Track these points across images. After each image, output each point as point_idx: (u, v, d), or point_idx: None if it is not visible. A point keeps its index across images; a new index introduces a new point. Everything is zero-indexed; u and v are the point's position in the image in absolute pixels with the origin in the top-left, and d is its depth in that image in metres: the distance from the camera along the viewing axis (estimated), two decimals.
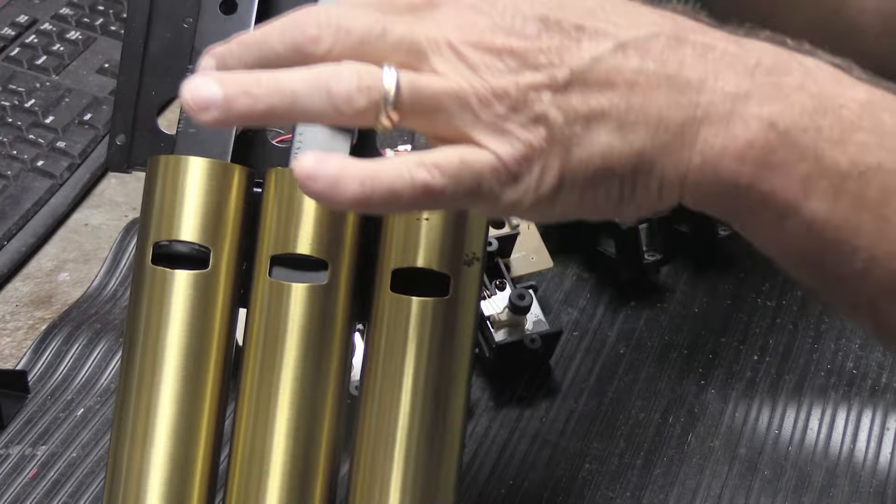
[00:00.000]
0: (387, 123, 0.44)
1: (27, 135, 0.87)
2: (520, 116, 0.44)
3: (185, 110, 0.44)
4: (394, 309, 0.54)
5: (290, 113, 0.44)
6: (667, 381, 0.74)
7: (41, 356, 0.74)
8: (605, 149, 0.45)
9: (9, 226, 0.82)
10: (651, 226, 0.76)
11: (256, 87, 0.44)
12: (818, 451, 0.70)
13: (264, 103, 0.44)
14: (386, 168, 0.43)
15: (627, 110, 0.45)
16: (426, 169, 0.44)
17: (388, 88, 0.44)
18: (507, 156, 0.44)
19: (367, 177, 0.43)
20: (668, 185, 0.46)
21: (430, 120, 0.45)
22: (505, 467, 0.69)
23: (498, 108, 0.44)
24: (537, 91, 0.44)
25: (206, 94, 0.43)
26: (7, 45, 0.94)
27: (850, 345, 0.76)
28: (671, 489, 0.68)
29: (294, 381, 0.54)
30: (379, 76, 0.44)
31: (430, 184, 0.44)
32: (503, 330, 0.71)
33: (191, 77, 0.44)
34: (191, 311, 0.54)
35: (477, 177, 0.44)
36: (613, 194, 0.46)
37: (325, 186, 0.43)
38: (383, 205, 0.44)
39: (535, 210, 0.46)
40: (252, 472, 0.54)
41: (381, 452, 0.54)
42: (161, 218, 0.54)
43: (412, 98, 0.44)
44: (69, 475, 0.68)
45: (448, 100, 0.44)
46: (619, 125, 0.45)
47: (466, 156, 0.44)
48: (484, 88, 0.44)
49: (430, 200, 0.44)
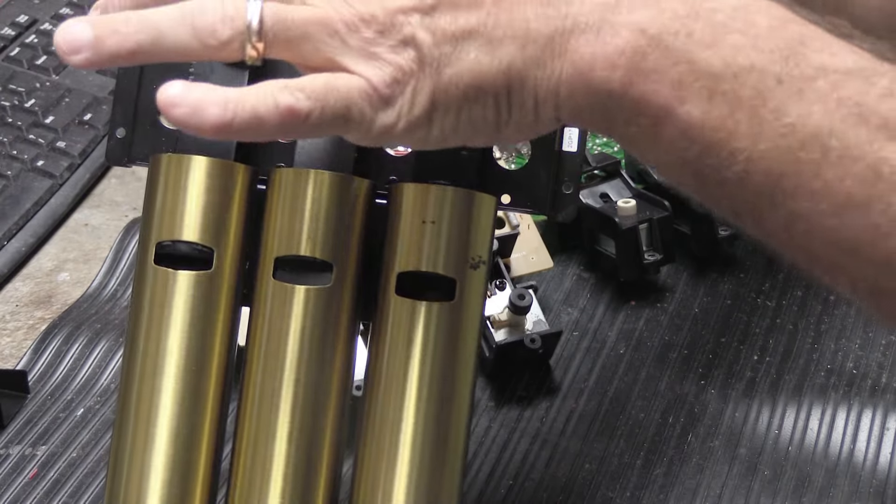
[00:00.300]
0: (252, 54, 0.45)
1: (27, 135, 0.87)
2: (388, 39, 0.45)
3: (60, 55, 0.44)
4: (399, 312, 0.54)
5: (157, 49, 0.45)
6: (667, 381, 0.74)
7: (41, 356, 0.74)
8: (475, 66, 0.46)
9: (9, 226, 0.82)
10: (651, 226, 0.76)
11: (125, 26, 0.44)
12: (818, 451, 0.70)
13: (132, 41, 0.44)
14: (249, 92, 0.44)
15: (495, 26, 0.46)
16: (290, 92, 0.44)
17: (251, 19, 0.44)
18: (376, 79, 0.45)
19: (229, 101, 0.43)
20: (541, 100, 0.47)
21: (298, 49, 0.45)
22: (505, 467, 0.69)
23: (366, 32, 0.45)
24: (406, 14, 0.45)
25: (77, 35, 0.44)
26: (7, 45, 0.94)
27: (850, 345, 0.76)
28: (671, 489, 0.68)
29: (297, 382, 0.54)
30: (243, 7, 0.44)
31: (295, 106, 0.44)
32: (503, 330, 0.71)
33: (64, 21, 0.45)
34: (193, 311, 0.54)
35: (345, 100, 0.45)
36: (490, 114, 0.47)
37: (187, 112, 0.43)
38: (247, 129, 0.44)
39: (410, 134, 0.47)
40: (254, 473, 0.54)
41: (385, 455, 0.54)
42: (163, 217, 0.54)
43: (276, 28, 0.45)
44: (69, 475, 0.68)
45: (314, 28, 0.45)
46: (487, 41, 0.46)
47: (334, 80, 0.45)
48: (351, 14, 0.45)
49: (296, 125, 0.44)
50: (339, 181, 0.54)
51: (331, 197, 0.53)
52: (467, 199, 0.54)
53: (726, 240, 0.78)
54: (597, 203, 0.77)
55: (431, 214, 0.53)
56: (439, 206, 0.53)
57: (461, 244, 0.53)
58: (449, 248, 0.53)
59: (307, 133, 0.47)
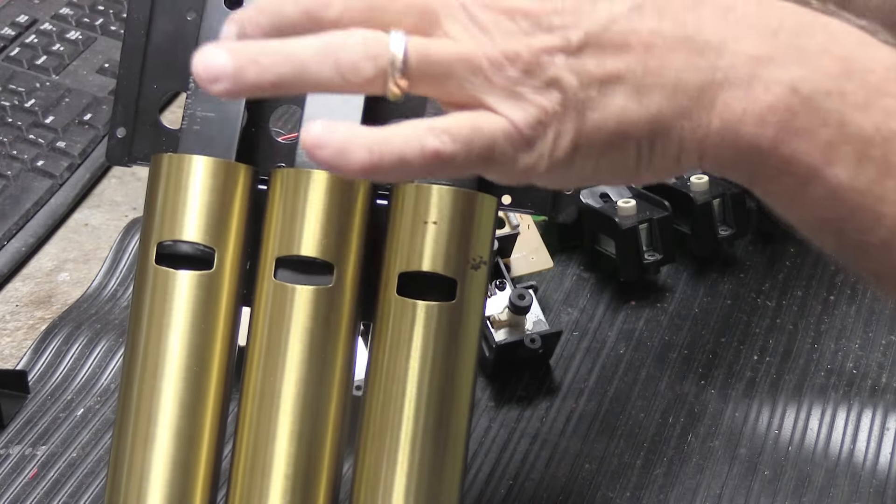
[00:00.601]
0: (396, 91, 0.44)
1: (27, 135, 0.87)
2: (533, 80, 0.44)
3: (197, 81, 0.43)
4: (400, 312, 0.54)
5: (298, 82, 0.44)
6: (667, 381, 0.74)
7: (41, 356, 0.74)
8: (621, 113, 0.44)
9: (9, 226, 0.82)
10: (651, 226, 0.76)
11: (265, 57, 0.43)
12: (818, 451, 0.70)
13: (273, 73, 0.43)
14: (395, 134, 0.43)
15: (644, 73, 0.44)
16: (436, 135, 0.43)
17: (396, 55, 0.43)
18: (520, 120, 0.44)
19: (375, 143, 0.43)
20: (686, 149, 0.46)
21: (441, 86, 0.44)
22: (505, 467, 0.69)
23: (510, 71, 0.44)
24: (550, 54, 0.44)
25: (216, 64, 0.43)
26: (7, 45, 0.94)
27: (850, 345, 0.76)
28: (671, 489, 0.68)
29: (297, 382, 0.54)
30: (386, 43, 0.43)
31: (441, 150, 0.43)
32: (503, 330, 0.71)
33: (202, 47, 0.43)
34: (194, 311, 0.54)
35: (489, 142, 0.44)
36: (630, 159, 0.46)
37: (333, 154, 0.42)
38: (392, 172, 0.43)
39: (551, 175, 0.45)
40: (254, 473, 0.54)
41: (385, 455, 0.54)
42: (164, 217, 0.54)
43: (420, 64, 0.43)
44: (69, 475, 0.68)
45: (458, 65, 0.44)
46: (635, 89, 0.44)
47: (478, 121, 0.44)
48: (496, 52, 0.44)
49: (441, 167, 0.44)
50: (340, 181, 0.54)
51: (331, 197, 0.53)
52: (468, 199, 0.54)
53: (726, 240, 0.78)
54: (597, 203, 0.77)
55: (432, 214, 0.53)
56: (440, 207, 0.53)
57: (462, 244, 0.53)
58: (449, 248, 0.53)
59: (449, 174, 0.46)
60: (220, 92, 0.43)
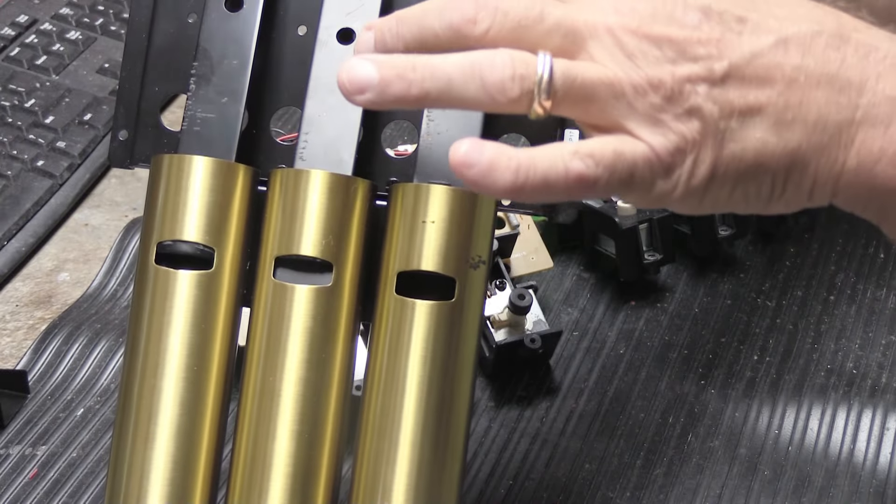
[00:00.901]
0: (539, 111, 0.44)
1: (27, 135, 0.87)
2: (675, 107, 0.44)
3: (341, 90, 0.44)
4: (399, 312, 0.54)
5: (442, 98, 0.44)
6: (667, 381, 0.74)
7: (41, 356, 0.74)
8: (760, 145, 0.45)
9: (9, 226, 0.82)
10: (651, 226, 0.76)
11: (412, 73, 0.44)
12: (818, 451, 0.70)
13: (419, 88, 0.44)
14: (540, 157, 0.43)
15: (785, 108, 0.45)
16: (580, 158, 0.44)
17: (543, 77, 0.44)
18: (660, 147, 0.44)
19: (521, 166, 0.43)
20: (820, 185, 0.46)
21: (584, 109, 0.45)
22: (505, 467, 0.69)
23: (653, 98, 0.44)
24: (693, 83, 0.44)
25: (362, 75, 0.44)
26: (7, 45, 0.94)
27: (850, 345, 0.76)
28: (671, 489, 0.68)
29: (297, 382, 0.54)
30: (533, 64, 0.44)
31: (585, 174, 0.44)
32: (503, 330, 0.71)
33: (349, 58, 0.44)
34: (194, 311, 0.54)
35: (630, 167, 0.44)
36: (764, 191, 0.46)
37: (480, 174, 0.43)
38: (535, 194, 0.44)
39: (684, 202, 0.46)
40: (254, 472, 0.54)
41: (385, 455, 0.54)
42: (165, 217, 0.54)
43: (565, 87, 0.44)
44: (69, 475, 0.68)
45: (602, 89, 0.44)
46: (775, 122, 0.45)
47: (621, 146, 0.44)
48: (640, 77, 0.44)
49: (584, 190, 0.44)
50: (340, 181, 0.54)
51: (331, 197, 0.53)
52: (467, 199, 0.54)
53: (726, 240, 0.78)
54: (597, 203, 0.77)
55: (431, 214, 0.53)
56: (439, 206, 0.53)
57: (461, 244, 0.53)
58: (449, 247, 0.53)
59: (588, 196, 0.46)
60: (364, 102, 0.44)
